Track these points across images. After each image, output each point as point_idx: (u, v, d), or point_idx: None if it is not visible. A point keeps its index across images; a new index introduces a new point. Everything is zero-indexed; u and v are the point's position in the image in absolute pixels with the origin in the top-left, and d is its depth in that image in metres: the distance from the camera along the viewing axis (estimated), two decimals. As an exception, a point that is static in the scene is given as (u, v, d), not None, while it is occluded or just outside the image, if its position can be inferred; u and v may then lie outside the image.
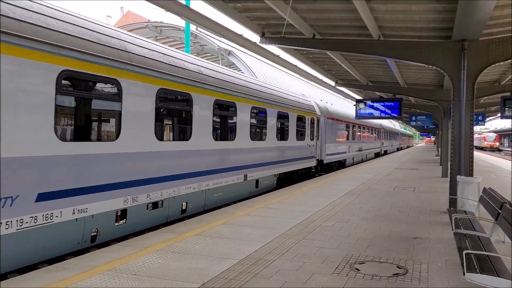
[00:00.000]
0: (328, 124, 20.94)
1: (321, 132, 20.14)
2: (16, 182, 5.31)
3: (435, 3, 8.56)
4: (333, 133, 21.97)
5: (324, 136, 20.35)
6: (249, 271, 5.26)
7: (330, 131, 21.39)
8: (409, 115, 29.82)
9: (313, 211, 9.51)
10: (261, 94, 13.02)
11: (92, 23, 6.97)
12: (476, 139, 79.12)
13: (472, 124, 9.59)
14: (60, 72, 5.97)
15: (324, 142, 20.31)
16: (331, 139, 21.43)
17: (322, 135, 20.15)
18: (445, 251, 6.42)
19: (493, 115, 35.95)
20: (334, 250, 6.35)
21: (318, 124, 19.43)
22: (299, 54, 15.05)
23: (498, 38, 9.42)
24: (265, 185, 13.49)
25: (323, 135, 20.25)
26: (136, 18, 51.15)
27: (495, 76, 16.35)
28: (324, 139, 20.34)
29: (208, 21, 10.19)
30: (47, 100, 5.77)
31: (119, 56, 7.11)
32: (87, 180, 6.44)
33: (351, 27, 10.67)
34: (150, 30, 23.89)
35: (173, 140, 8.81)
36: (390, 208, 10.31)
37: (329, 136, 21.01)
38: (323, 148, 20.15)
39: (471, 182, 8.96)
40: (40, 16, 5.83)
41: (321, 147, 20.02)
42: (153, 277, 4.96)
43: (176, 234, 7.11)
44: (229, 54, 24.88)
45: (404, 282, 5.00)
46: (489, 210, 6.19)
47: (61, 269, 5.20)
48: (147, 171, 7.77)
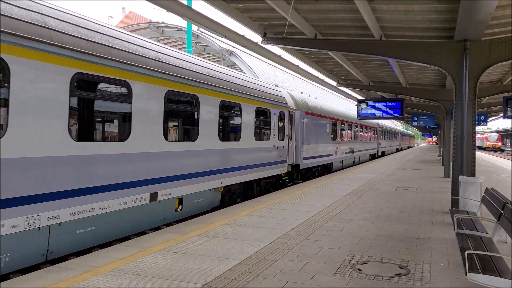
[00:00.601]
0: (306, 121, 17.53)
1: (297, 130, 16.68)
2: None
3: (437, 3, 8.55)
4: (314, 132, 18.46)
5: (301, 136, 16.86)
6: (251, 271, 5.27)
7: (310, 130, 17.94)
8: (411, 115, 29.77)
9: (315, 211, 9.51)
10: (184, 73, 8.86)
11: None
12: (478, 139, 78.99)
13: (474, 124, 9.57)
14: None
15: (301, 142, 16.76)
16: (311, 139, 17.98)
17: (298, 134, 16.70)
18: (447, 251, 6.41)
19: (495, 115, 35.85)
20: (336, 250, 6.35)
21: (292, 120, 15.83)
22: (300, 55, 15.05)
23: (500, 38, 9.41)
24: (196, 205, 9.52)
25: (299, 134, 16.78)
26: (137, 18, 51.23)
27: (497, 76, 16.32)
28: (301, 139, 16.84)
29: (209, 22, 10.20)
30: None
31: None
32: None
33: (353, 27, 10.66)
34: (152, 30, 23.91)
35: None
36: (392, 208, 10.30)
37: (308, 136, 17.56)
38: (299, 150, 16.59)
39: (473, 182, 8.94)
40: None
41: (297, 149, 16.49)
42: (155, 277, 4.97)
43: (178, 235, 7.12)
44: (231, 55, 24.89)
45: (406, 282, 5.00)
46: (491, 210, 6.18)
47: (63, 269, 5.21)
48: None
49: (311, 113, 18.23)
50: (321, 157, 19.81)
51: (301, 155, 16.77)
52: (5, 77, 5.24)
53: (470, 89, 9.46)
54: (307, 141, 17.52)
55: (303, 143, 16.95)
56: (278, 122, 14.16)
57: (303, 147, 16.93)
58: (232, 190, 11.51)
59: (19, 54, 5.36)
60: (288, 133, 15.19)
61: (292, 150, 15.88)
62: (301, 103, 17.44)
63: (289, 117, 15.27)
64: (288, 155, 15.24)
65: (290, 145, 15.45)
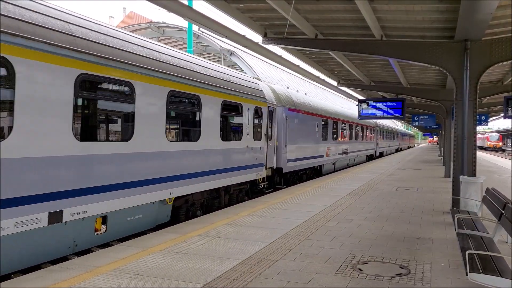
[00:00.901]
0: (291, 118, 15.65)
1: (279, 129, 14.73)
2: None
3: (437, 3, 8.55)
4: (300, 131, 16.65)
5: (284, 135, 14.97)
6: (252, 271, 5.27)
7: (295, 128, 16.12)
8: (412, 115, 29.74)
9: (316, 211, 9.51)
10: (119, 55, 7.07)
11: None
12: (479, 139, 78.91)
13: (475, 124, 9.57)
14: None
15: (284, 143, 14.89)
16: (296, 139, 16.13)
17: (280, 133, 14.78)
18: (448, 251, 6.41)
19: (496, 115, 35.82)
20: (337, 250, 6.35)
21: (272, 117, 13.86)
22: (301, 54, 15.04)
23: (501, 38, 9.40)
24: (129, 224, 7.54)
25: (282, 133, 14.87)
26: (138, 18, 51.25)
27: (498, 75, 16.31)
28: (284, 139, 14.97)
29: (210, 22, 10.20)
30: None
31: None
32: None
33: (354, 27, 10.66)
34: (152, 30, 23.91)
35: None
36: (393, 208, 10.30)
37: (292, 135, 15.70)
38: (281, 151, 14.72)
39: (474, 182, 8.94)
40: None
41: (279, 150, 14.61)
42: (156, 277, 4.98)
43: (179, 235, 7.13)
44: (232, 55, 24.87)
45: (407, 282, 5.00)
46: (492, 210, 6.18)
47: (64, 269, 5.22)
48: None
49: (296, 109, 16.35)
50: (309, 159, 17.89)
51: (284, 157, 14.98)
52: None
53: (471, 89, 9.45)
54: (292, 141, 15.70)
55: (287, 143, 15.12)
56: (253, 119, 12.10)
57: (287, 148, 15.12)
58: (192, 201, 9.57)
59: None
60: (267, 132, 13.26)
61: (273, 151, 13.93)
62: (284, 98, 15.47)
63: (268, 113, 13.30)
64: (267, 157, 13.27)
65: (269, 146, 13.55)
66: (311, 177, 19.14)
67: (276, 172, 14.75)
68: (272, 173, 14.27)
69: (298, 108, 16.64)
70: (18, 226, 5.35)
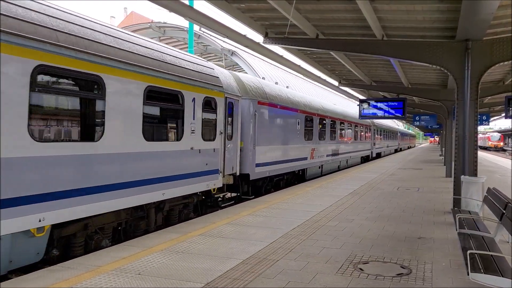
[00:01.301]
0: (261, 113, 13.11)
1: (245, 126, 12.30)
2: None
3: (439, 3, 8.54)
4: (274, 130, 14.10)
5: (252, 134, 12.48)
6: (253, 271, 5.28)
7: (267, 126, 13.58)
8: (413, 115, 29.73)
9: (317, 211, 9.51)
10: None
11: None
12: (480, 139, 78.81)
13: (476, 124, 9.56)
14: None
15: (251, 143, 12.42)
16: (268, 139, 13.58)
17: (246, 131, 12.34)
18: (449, 251, 6.41)
19: (498, 115, 35.78)
20: (338, 250, 6.35)
21: (233, 111, 11.26)
22: (302, 54, 15.04)
23: (502, 38, 9.39)
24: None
25: (249, 132, 12.41)
26: (139, 18, 51.28)
27: (499, 75, 16.29)
28: (252, 138, 12.47)
29: (211, 22, 10.20)
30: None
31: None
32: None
33: (355, 27, 10.66)
34: (153, 30, 23.94)
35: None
36: (394, 208, 10.30)
37: (263, 134, 13.18)
38: (247, 154, 12.28)
39: (475, 182, 8.94)
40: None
41: (245, 152, 12.23)
42: (157, 277, 4.98)
43: (180, 234, 7.13)
44: (233, 54, 24.89)
45: (408, 282, 5.00)
46: (493, 210, 6.17)
47: (66, 269, 5.23)
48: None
49: (269, 103, 13.69)
50: (287, 162, 15.21)
51: (252, 161, 12.38)
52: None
53: (472, 89, 9.44)
54: (263, 141, 13.11)
55: (256, 144, 12.52)
56: (202, 113, 9.48)
57: (256, 149, 12.52)
58: (96, 225, 6.95)
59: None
60: (225, 129, 10.60)
61: (234, 154, 11.28)
62: (252, 89, 12.84)
63: (226, 106, 10.69)
64: (224, 162, 10.53)
65: (229, 148, 10.88)
66: (292, 183, 16.51)
67: (243, 179, 12.29)
68: (237, 181, 11.76)
69: (272, 101, 13.92)
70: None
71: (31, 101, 5.50)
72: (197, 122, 9.39)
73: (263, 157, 13.17)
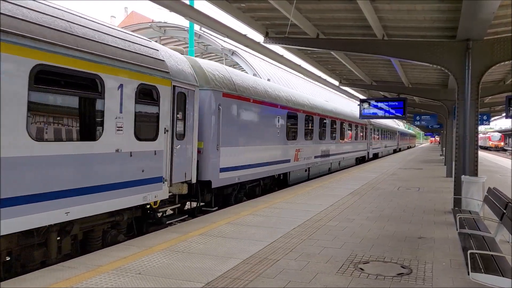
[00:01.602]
0: (228, 107, 10.91)
1: (204, 123, 10.11)
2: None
3: (439, 3, 8.54)
4: (245, 127, 11.91)
5: (215, 133, 10.29)
6: (254, 271, 5.28)
7: (236, 123, 11.40)
8: (413, 114, 29.72)
9: (317, 211, 9.51)
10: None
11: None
12: (481, 138, 78.77)
13: (476, 123, 9.55)
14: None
15: (213, 144, 10.22)
16: (238, 139, 11.48)
17: (206, 129, 10.15)
18: (450, 251, 6.40)
19: (498, 115, 35.75)
20: (338, 250, 6.35)
21: (186, 104, 9.01)
22: (303, 54, 15.04)
23: (503, 38, 9.39)
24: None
25: (209, 129, 10.19)
26: (140, 18, 51.28)
27: (500, 75, 16.28)
28: (215, 137, 10.29)
29: (212, 21, 10.21)
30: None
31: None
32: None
33: (355, 26, 10.65)
34: (154, 30, 23.98)
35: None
36: (394, 208, 10.29)
37: (230, 133, 11.05)
38: (208, 156, 10.12)
39: (475, 182, 8.93)
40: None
41: (205, 154, 10.08)
42: (157, 276, 4.98)
43: (180, 234, 7.13)
44: (233, 54, 24.91)
45: (408, 282, 4.99)
46: (494, 210, 6.17)
47: (66, 268, 5.23)
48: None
49: (239, 96, 11.49)
50: (264, 165, 13.08)
51: (215, 165, 10.30)
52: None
53: (472, 89, 9.44)
54: (230, 142, 11.02)
55: (220, 144, 10.43)
56: (134, 105, 7.33)
57: (220, 151, 10.46)
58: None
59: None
60: (172, 126, 8.48)
61: (187, 157, 9.03)
62: (216, 78, 10.63)
63: (175, 97, 8.56)
64: (171, 167, 8.40)
65: (179, 149, 8.69)
66: (272, 189, 14.39)
67: (204, 186, 10.22)
68: (195, 189, 9.79)
69: (243, 94, 11.73)
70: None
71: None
72: (127, 117, 7.18)
73: (231, 160, 11.03)
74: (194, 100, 9.41)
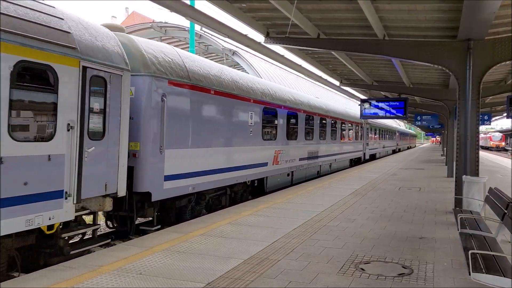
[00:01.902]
0: (176, 100, 8.75)
1: (142, 118, 8.05)
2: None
3: (440, 3, 8.53)
4: (203, 125, 9.60)
5: (158, 131, 8.19)
6: (254, 271, 5.27)
7: (189, 119, 9.12)
8: (414, 114, 29.71)
9: (318, 211, 9.51)
10: None
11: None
12: (482, 138, 78.64)
13: (478, 123, 9.54)
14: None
15: (155, 145, 8.15)
16: (192, 138, 9.22)
17: (145, 126, 8.05)
18: (451, 251, 6.40)
19: (499, 115, 35.73)
20: (339, 250, 6.34)
21: (107, 92, 6.93)
22: (303, 54, 15.04)
23: (504, 37, 9.38)
24: None
25: (148, 126, 8.07)
26: (141, 18, 51.31)
27: (501, 75, 16.26)
28: (158, 137, 8.19)
29: (212, 21, 10.21)
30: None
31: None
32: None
33: (356, 26, 10.65)
34: (155, 30, 24.01)
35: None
36: (395, 208, 10.29)
37: (181, 131, 8.87)
38: (147, 161, 8.01)
39: (477, 182, 8.93)
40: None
41: (143, 159, 7.97)
42: (158, 277, 4.98)
43: (181, 234, 7.13)
44: (234, 54, 24.91)
45: (409, 282, 4.99)
46: (495, 210, 6.16)
47: (67, 268, 5.23)
48: None
49: (193, 86, 9.22)
50: (231, 170, 10.84)
51: (156, 172, 8.14)
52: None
53: (473, 89, 9.43)
54: (179, 142, 8.79)
55: (164, 145, 8.26)
56: (8, 90, 5.26)
57: (165, 154, 8.30)
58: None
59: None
60: (79, 121, 6.32)
61: (108, 162, 6.92)
62: (160, 61, 8.42)
63: (86, 83, 6.43)
64: (80, 176, 6.28)
65: (94, 152, 6.58)
66: (245, 198, 12.34)
67: (145, 200, 8.17)
68: (126, 205, 8.00)
69: (199, 83, 9.42)
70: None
71: None
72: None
73: (182, 166, 8.84)
74: (122, 88, 7.17)
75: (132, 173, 7.78)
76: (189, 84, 9.14)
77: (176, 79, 8.73)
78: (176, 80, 8.73)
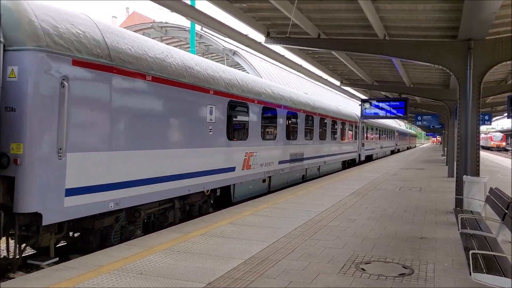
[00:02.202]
0: (86, 85, 6.31)
1: (28, 111, 5.56)
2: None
3: (441, 2, 8.53)
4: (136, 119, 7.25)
5: (57, 127, 5.82)
6: (255, 271, 5.27)
7: (109, 112, 6.69)
8: (415, 114, 29.72)
9: (319, 211, 9.50)
10: None
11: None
12: (483, 138, 78.60)
13: (478, 123, 9.54)
14: None
15: (49, 146, 5.74)
16: (113, 137, 6.79)
17: (32, 122, 5.57)
18: (451, 251, 6.39)
19: (500, 115, 35.72)
20: (340, 250, 6.34)
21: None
22: (304, 54, 15.04)
23: (505, 37, 9.37)
24: None
25: (36, 122, 5.60)
26: (141, 18, 51.36)
27: (502, 75, 16.25)
28: (53, 135, 5.79)
29: (213, 21, 10.21)
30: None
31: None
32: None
33: (357, 26, 10.65)
34: (155, 30, 24.04)
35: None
36: (396, 208, 10.28)
37: (93, 128, 6.46)
38: (33, 168, 5.57)
39: (477, 182, 8.92)
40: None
41: (27, 166, 5.53)
42: (159, 277, 4.99)
43: (181, 234, 7.13)
44: (234, 54, 24.94)
45: (410, 282, 4.99)
46: (495, 210, 6.16)
47: (68, 268, 5.23)
48: None
49: (115, 68, 6.83)
50: (179, 178, 8.55)
51: (51, 184, 5.82)
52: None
53: (474, 89, 9.42)
54: (96, 143, 6.56)
55: (65, 147, 5.95)
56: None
57: (66, 159, 5.99)
58: None
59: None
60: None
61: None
62: (61, 33, 6.04)
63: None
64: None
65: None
66: (202, 211, 9.98)
67: (29, 225, 5.90)
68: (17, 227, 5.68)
69: (127, 66, 7.10)
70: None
71: None
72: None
73: (95, 175, 6.52)
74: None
75: (12, 186, 5.55)
76: (109, 65, 6.71)
77: (86, 57, 6.31)
78: (86, 59, 6.31)
